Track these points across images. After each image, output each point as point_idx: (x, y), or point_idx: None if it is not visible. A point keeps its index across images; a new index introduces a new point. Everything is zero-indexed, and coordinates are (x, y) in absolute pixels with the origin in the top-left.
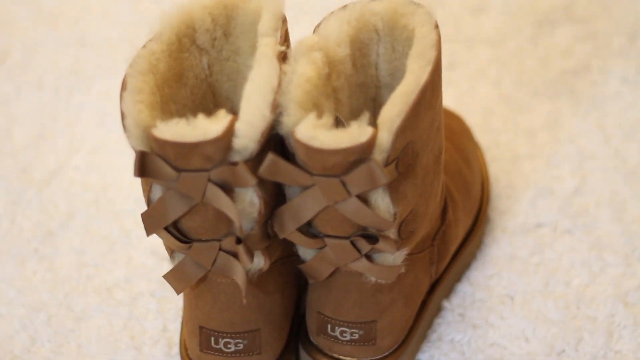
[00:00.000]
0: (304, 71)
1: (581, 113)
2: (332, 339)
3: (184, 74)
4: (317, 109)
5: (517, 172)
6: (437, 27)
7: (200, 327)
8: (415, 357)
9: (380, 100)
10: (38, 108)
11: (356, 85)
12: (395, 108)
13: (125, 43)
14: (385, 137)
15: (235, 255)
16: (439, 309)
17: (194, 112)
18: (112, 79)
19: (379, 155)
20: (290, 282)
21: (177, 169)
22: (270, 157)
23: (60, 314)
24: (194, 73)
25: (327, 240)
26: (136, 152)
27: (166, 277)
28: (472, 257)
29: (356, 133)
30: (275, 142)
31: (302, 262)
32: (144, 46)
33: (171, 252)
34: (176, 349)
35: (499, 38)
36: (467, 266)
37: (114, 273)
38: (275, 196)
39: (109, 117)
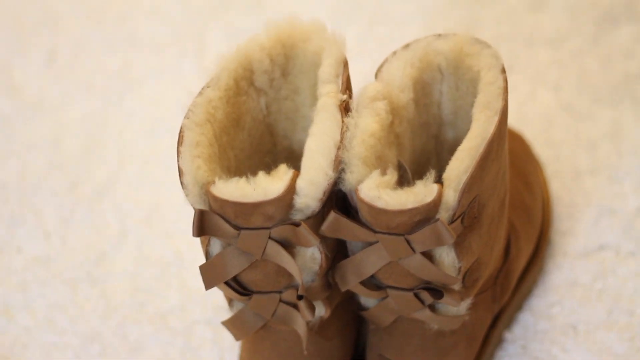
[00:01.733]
0: (368, 125)
1: None
2: None
3: (242, 118)
4: (381, 161)
5: (578, 189)
6: (504, 71)
7: None
8: None
9: (443, 138)
10: (87, 115)
11: (418, 125)
12: (461, 164)
13: (176, 41)
14: (451, 196)
15: (295, 306)
16: (500, 340)
17: (252, 155)
18: (162, 81)
19: (444, 213)
20: (349, 324)
21: (237, 227)
22: (333, 215)
23: (115, 344)
24: (252, 115)
25: (389, 291)
26: (195, 211)
27: (225, 324)
28: (534, 283)
29: (421, 193)
30: (337, 196)
31: (364, 308)
32: (201, 93)
33: (230, 300)
34: None
35: (559, 37)
36: (528, 293)
37: (169, 299)
38: (337, 248)
39: (159, 123)
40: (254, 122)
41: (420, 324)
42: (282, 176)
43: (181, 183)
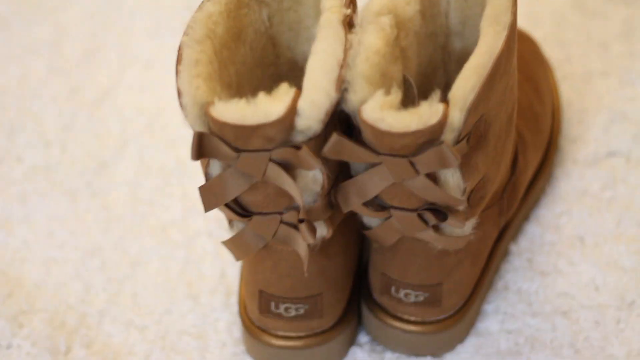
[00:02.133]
0: (372, 42)
1: None
2: (396, 300)
3: (243, 31)
4: (385, 79)
5: (590, 92)
6: None
7: (260, 291)
8: (481, 308)
9: (450, 48)
10: (88, 16)
11: (425, 36)
12: (468, 83)
13: None
14: (457, 116)
15: (296, 227)
16: (506, 253)
17: (254, 68)
18: None
19: (449, 134)
20: (352, 241)
21: (237, 149)
22: (335, 137)
23: (115, 258)
24: (254, 28)
25: (393, 211)
26: (194, 133)
27: (225, 244)
28: (542, 192)
29: (426, 114)
30: (340, 116)
31: (367, 228)
32: (200, 8)
33: (230, 221)
34: (234, 298)
35: None
36: (536, 203)
37: (170, 210)
38: (339, 168)
39: (162, 24)
40: (255, 35)
41: (424, 244)
42: (282, 96)
43: (180, 103)
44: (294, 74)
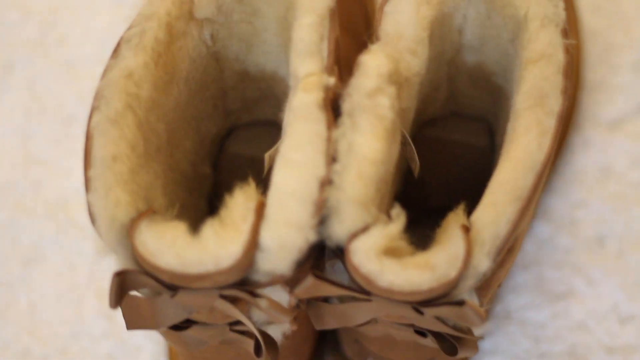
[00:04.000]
0: (368, 146)
1: None
2: None
3: (177, 70)
4: (381, 186)
5: (615, 16)
6: (565, 33)
7: None
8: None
9: (460, 61)
10: None
11: (429, 61)
12: (498, 214)
13: None
14: (483, 261)
15: (248, 334)
16: None
17: (189, 100)
18: None
19: (471, 280)
20: None
21: (174, 287)
22: (311, 280)
23: (4, 250)
24: (191, 57)
25: (382, 321)
26: (113, 276)
27: (161, 333)
28: (554, 170)
29: (441, 264)
30: None
31: None
32: (114, 62)
33: None
34: None
35: None
36: (547, 184)
37: (73, 176)
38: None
39: None
40: (193, 63)
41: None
42: (237, 225)
43: (93, 225)
44: (242, 84)
